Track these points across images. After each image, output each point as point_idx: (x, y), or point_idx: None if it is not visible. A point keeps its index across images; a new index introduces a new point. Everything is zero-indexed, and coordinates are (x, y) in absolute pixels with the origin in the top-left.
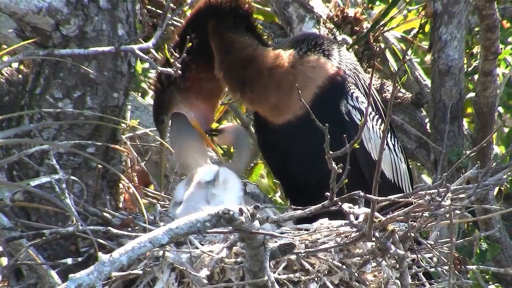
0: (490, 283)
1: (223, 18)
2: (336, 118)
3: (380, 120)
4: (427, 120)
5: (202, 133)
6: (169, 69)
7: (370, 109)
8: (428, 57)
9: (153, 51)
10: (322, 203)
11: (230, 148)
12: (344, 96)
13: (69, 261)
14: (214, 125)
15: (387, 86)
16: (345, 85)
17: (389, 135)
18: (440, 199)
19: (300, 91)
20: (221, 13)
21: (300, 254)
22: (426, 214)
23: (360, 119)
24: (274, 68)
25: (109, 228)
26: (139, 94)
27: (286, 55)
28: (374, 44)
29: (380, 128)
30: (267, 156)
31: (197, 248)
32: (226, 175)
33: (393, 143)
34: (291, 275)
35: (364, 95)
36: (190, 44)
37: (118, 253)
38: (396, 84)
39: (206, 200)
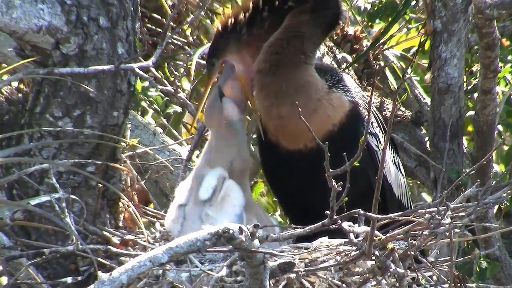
0: None
1: (315, 10)
2: (355, 148)
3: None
4: (426, 138)
5: (245, 89)
6: (169, 88)
7: (378, 130)
8: (427, 75)
9: (153, 69)
10: (322, 222)
11: None
12: (361, 125)
13: (69, 280)
14: None
15: (387, 104)
16: (361, 115)
17: (393, 154)
18: (440, 217)
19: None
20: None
21: (300, 273)
22: (426, 232)
23: (377, 144)
24: (306, 89)
25: (109, 247)
26: (139, 112)
27: (320, 85)
28: (374, 62)
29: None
30: (268, 175)
31: (197, 267)
32: (228, 190)
33: (398, 161)
34: None
35: (375, 119)
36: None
37: (118, 272)
38: (396, 102)
39: (200, 219)
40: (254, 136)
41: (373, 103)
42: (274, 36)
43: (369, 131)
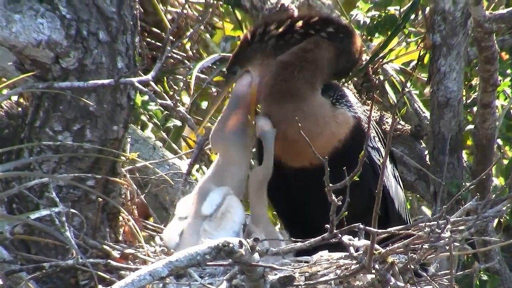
0: None
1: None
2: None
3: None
4: (426, 152)
5: (252, 102)
6: (169, 102)
7: (380, 144)
8: (427, 89)
9: (152, 83)
10: (322, 236)
11: None
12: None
13: None
14: None
15: (386, 118)
16: (364, 130)
17: (393, 168)
18: (439, 231)
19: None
20: (339, 44)
21: (300, 287)
22: (426, 246)
23: (379, 158)
24: (312, 118)
25: (109, 261)
26: (139, 126)
27: (326, 108)
28: (373, 76)
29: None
30: (270, 189)
31: (196, 281)
32: (228, 206)
33: (397, 174)
34: None
35: (376, 133)
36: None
37: (118, 286)
38: (396, 116)
39: (198, 233)
40: (254, 149)
41: (373, 117)
42: (288, 55)
43: (371, 145)
